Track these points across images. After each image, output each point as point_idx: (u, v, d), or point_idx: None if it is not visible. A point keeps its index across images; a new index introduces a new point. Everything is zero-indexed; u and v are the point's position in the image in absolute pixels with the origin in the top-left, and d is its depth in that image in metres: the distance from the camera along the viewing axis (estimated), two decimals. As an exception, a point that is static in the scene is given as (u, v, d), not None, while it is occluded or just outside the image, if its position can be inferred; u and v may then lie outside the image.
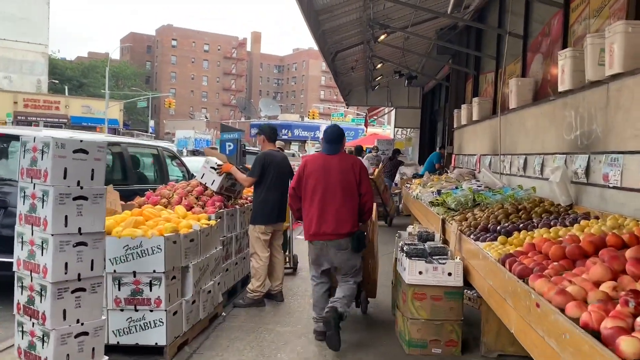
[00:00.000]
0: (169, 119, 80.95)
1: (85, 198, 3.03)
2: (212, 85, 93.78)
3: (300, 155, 25.81)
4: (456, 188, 6.17)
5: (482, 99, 8.53)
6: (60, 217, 2.93)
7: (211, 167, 5.44)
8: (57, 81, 63.34)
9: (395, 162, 13.16)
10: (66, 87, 56.65)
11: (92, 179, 3.08)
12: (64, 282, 2.96)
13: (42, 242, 2.93)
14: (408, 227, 5.66)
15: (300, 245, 8.08)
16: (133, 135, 68.10)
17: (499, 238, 3.63)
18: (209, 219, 4.93)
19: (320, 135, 41.24)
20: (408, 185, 9.90)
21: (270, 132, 5.66)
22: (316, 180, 4.41)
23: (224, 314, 5.04)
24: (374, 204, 4.71)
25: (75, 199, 2.99)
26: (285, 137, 50.15)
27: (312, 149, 18.98)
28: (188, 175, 8.70)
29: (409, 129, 16.98)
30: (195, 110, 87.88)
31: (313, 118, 48.60)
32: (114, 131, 53.26)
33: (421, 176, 10.09)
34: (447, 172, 9.90)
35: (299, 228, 10.26)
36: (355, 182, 4.42)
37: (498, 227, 3.90)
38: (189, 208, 5.10)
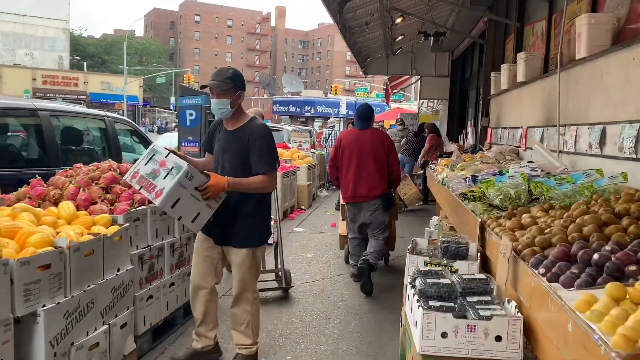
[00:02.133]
0: (192, 96, 79.87)
1: None
2: (236, 61, 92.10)
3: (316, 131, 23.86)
4: (500, 173, 4.24)
5: (530, 54, 6.50)
6: None
7: (180, 182, 2.88)
8: (78, 58, 62.46)
9: (421, 139, 11.21)
10: (85, 64, 55.62)
11: None
12: None
13: None
14: (432, 220, 5.42)
15: (293, 255, 6.31)
16: (154, 112, 67.33)
17: (608, 288, 1.74)
18: (114, 222, 3.16)
19: (341, 111, 39.30)
20: (433, 166, 7.99)
21: None
22: (351, 152, 5.23)
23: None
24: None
25: None
26: (309, 113, 48.37)
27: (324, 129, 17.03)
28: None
29: (436, 101, 14.93)
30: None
31: (336, 94, 46.34)
32: (133, 108, 52.42)
33: (449, 155, 8.14)
34: (483, 150, 7.93)
35: (295, 220, 8.65)
36: (385, 154, 5.24)
37: (595, 257, 2.01)
38: (88, 205, 3.34)
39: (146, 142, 6.86)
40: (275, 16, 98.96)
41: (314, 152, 12.28)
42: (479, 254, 3.24)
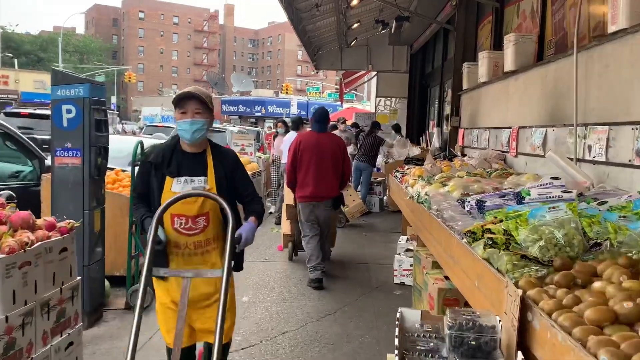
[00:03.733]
0: (137, 95, 76.94)
1: None
2: (183, 60, 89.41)
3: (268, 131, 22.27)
4: (519, 197, 2.83)
5: (522, 36, 5.21)
6: None
7: None
8: (11, 55, 58.47)
9: (374, 140, 9.83)
10: (15, 61, 51.90)
11: None
12: None
13: None
14: (400, 241, 5.89)
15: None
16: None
17: None
18: None
19: (292, 111, 37.77)
20: (399, 175, 6.62)
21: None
22: (311, 154, 5.56)
23: None
24: None
25: None
26: (259, 113, 46.80)
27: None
28: (40, 167, 5.27)
29: (394, 99, 13.68)
30: (165, 86, 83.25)
31: (287, 93, 44.75)
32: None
33: (419, 162, 6.78)
34: (456, 155, 6.62)
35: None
36: (340, 157, 5.69)
37: None
38: None
39: (26, 150, 5.17)
40: (224, 14, 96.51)
41: (260, 157, 10.72)
42: (519, 353, 1.82)
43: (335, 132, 11.60)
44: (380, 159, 11.02)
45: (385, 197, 10.16)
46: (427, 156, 8.22)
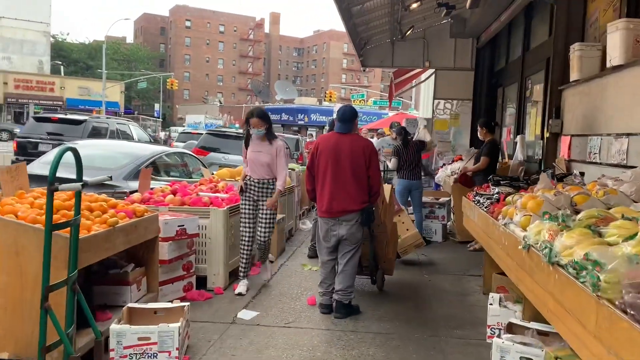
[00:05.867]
0: (183, 103, 77.34)
1: None
2: (228, 68, 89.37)
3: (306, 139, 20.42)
4: None
5: None
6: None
7: None
8: (60, 62, 59.31)
9: (414, 147, 7.69)
10: (62, 68, 52.38)
11: None
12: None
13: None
14: (491, 305, 3.83)
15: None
16: (139, 119, 64.59)
17: None
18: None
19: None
20: (483, 199, 4.56)
21: None
22: (327, 159, 4.53)
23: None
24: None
25: None
26: (302, 122, 45.25)
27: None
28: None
29: (455, 102, 11.54)
30: (210, 95, 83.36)
31: (330, 100, 42.85)
32: (114, 114, 49.28)
33: (512, 182, 4.66)
34: (575, 176, 4.46)
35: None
36: (365, 164, 4.50)
37: None
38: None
39: None
40: (270, 22, 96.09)
41: (293, 169, 8.79)
42: None
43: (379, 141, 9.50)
44: (441, 173, 8.90)
45: (449, 223, 8.03)
46: (542, 180, 6.17)
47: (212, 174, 7.50)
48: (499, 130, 10.05)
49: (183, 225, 4.53)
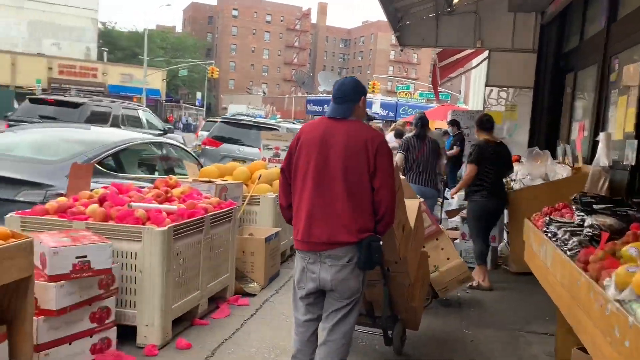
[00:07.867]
0: (228, 93, 77.21)
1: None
2: (274, 58, 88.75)
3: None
4: None
5: None
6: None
7: None
8: (106, 49, 59.93)
9: (430, 145, 6.19)
10: (105, 54, 52.66)
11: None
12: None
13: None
14: None
15: None
16: (181, 108, 64.54)
17: None
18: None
19: (374, 111, 33.60)
20: (556, 230, 2.79)
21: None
22: (308, 159, 2.74)
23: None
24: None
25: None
26: (343, 114, 43.54)
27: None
28: None
29: (511, 90, 9.59)
30: (254, 85, 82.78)
31: (373, 92, 40.83)
32: (155, 102, 49.04)
33: (607, 205, 2.88)
34: None
35: (221, 327, 3.62)
36: (367, 167, 2.66)
37: None
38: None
39: None
40: (317, 12, 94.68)
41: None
42: None
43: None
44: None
45: (502, 245, 6.17)
46: (600, 183, 4.38)
47: (200, 168, 5.99)
48: (566, 125, 8.08)
49: (85, 257, 2.93)
